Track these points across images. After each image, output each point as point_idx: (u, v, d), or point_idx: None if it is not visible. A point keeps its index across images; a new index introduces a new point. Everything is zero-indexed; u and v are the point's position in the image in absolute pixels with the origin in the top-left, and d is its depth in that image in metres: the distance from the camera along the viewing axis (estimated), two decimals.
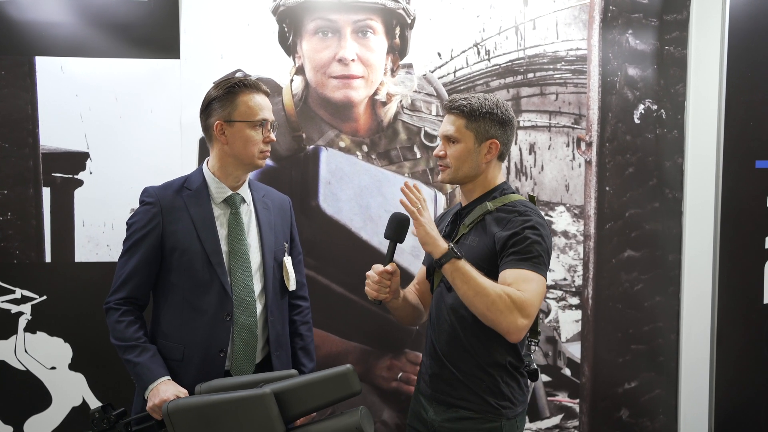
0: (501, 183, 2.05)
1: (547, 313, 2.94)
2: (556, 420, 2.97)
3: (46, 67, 2.66)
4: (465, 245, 1.98)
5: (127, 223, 2.11)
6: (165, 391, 1.90)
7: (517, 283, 1.82)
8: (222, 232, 2.10)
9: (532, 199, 2.06)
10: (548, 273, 2.84)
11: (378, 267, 2.00)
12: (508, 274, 1.85)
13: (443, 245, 1.84)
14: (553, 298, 2.94)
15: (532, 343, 2.10)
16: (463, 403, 1.96)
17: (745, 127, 2.88)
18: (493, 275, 1.88)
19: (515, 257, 1.85)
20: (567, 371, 2.96)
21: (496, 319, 1.79)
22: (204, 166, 2.16)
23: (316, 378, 1.72)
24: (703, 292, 2.96)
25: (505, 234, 1.88)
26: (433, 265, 2.07)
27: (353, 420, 1.66)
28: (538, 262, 1.85)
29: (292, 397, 1.69)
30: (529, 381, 2.05)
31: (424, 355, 2.14)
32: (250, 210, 2.18)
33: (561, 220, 2.92)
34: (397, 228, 2.00)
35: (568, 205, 2.92)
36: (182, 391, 1.91)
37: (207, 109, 2.09)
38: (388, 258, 1.99)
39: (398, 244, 2.06)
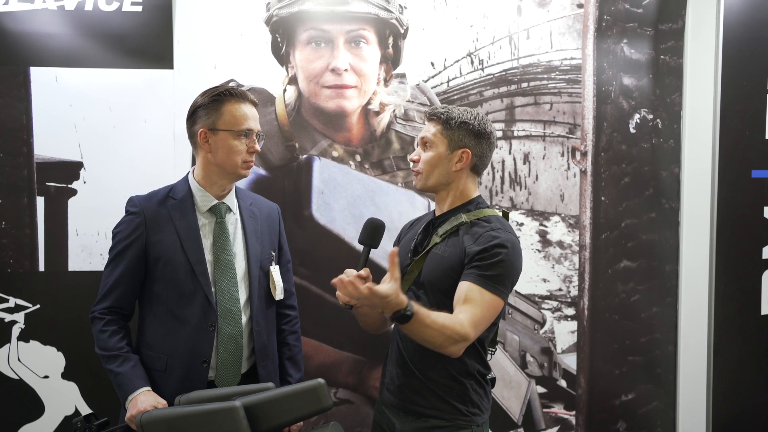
0: (476, 197, 2.06)
1: (542, 324, 2.93)
2: None
3: (40, 77, 2.68)
4: (436, 255, 1.98)
5: (112, 232, 2.12)
6: (143, 401, 1.90)
7: (469, 303, 1.83)
8: (207, 241, 2.09)
9: (505, 215, 2.07)
10: (543, 284, 2.90)
11: (351, 272, 1.97)
12: (463, 287, 1.87)
13: (396, 307, 1.73)
14: (548, 309, 2.92)
15: (490, 352, 2.10)
16: (433, 411, 1.95)
17: (741, 136, 2.86)
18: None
19: (476, 271, 1.86)
20: (563, 383, 2.94)
21: (442, 351, 1.83)
22: (189, 174, 2.16)
23: (287, 392, 1.72)
24: (701, 303, 2.94)
25: (475, 249, 1.89)
26: (403, 271, 2.06)
27: None
28: (497, 281, 1.86)
29: (262, 410, 1.69)
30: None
31: (388, 364, 2.13)
32: (236, 219, 2.17)
33: (556, 230, 2.91)
34: (372, 233, 1.99)
35: (563, 215, 2.91)
36: (161, 402, 1.91)
37: (192, 116, 2.09)
38: (362, 263, 1.97)
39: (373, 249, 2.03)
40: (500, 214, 2.04)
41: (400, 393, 2.02)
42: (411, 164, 2.08)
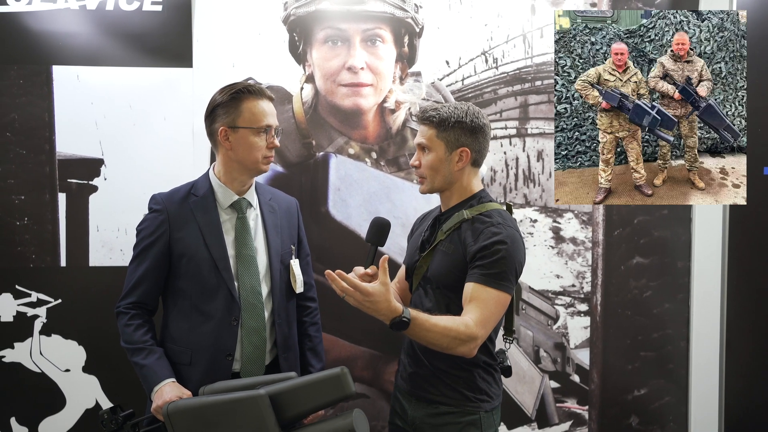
0: (479, 191, 2.08)
1: (555, 320, 2.95)
2: (565, 426, 2.97)
3: (62, 75, 2.74)
4: (441, 251, 2.02)
5: (136, 229, 2.15)
6: (168, 392, 1.93)
7: (476, 302, 1.87)
8: (229, 237, 2.13)
9: (509, 207, 2.10)
10: (557, 280, 2.92)
11: (359, 269, 2.03)
12: (469, 288, 1.90)
13: (390, 315, 1.79)
14: (561, 305, 2.95)
15: (507, 341, 2.13)
16: (441, 398, 2.00)
17: (753, 133, 2.88)
18: (463, 282, 1.94)
19: (480, 271, 1.90)
20: (576, 378, 2.97)
21: (453, 353, 1.87)
22: (210, 171, 2.19)
23: (310, 380, 1.75)
24: (713, 299, 2.95)
25: (475, 247, 1.93)
26: (413, 267, 2.12)
27: (346, 422, 1.69)
28: (501, 277, 1.89)
29: (286, 398, 1.72)
30: (502, 377, 2.11)
31: (402, 353, 2.18)
32: (256, 214, 2.21)
33: (569, 227, 2.94)
34: (378, 232, 2.04)
35: (576, 212, 2.93)
36: (186, 393, 1.95)
37: (211, 114, 2.11)
38: (369, 261, 2.02)
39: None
40: (503, 207, 2.06)
41: (411, 381, 2.07)
42: (414, 169, 2.11)
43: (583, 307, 2.96)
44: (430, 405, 2.02)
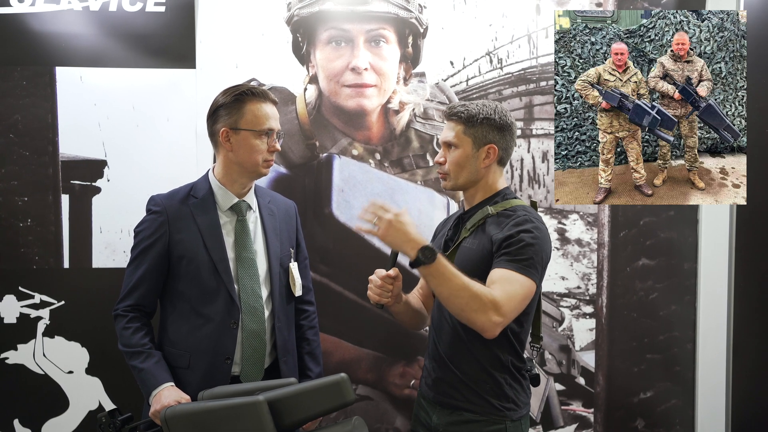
0: (503, 188, 2.07)
1: (560, 322, 2.94)
2: (570, 429, 2.95)
3: (65, 77, 2.73)
4: (465, 248, 2.00)
5: (134, 231, 2.14)
6: (167, 397, 1.92)
7: (500, 282, 1.84)
8: (229, 239, 2.12)
9: (533, 204, 2.08)
10: (562, 281, 2.91)
11: (381, 271, 2.02)
12: (494, 273, 1.87)
13: (419, 242, 1.79)
14: (566, 307, 2.93)
15: (534, 348, 2.10)
16: (467, 405, 1.96)
17: (761, 134, 2.86)
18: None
19: (506, 258, 1.87)
20: (581, 380, 2.95)
21: (470, 317, 1.81)
22: (209, 173, 2.19)
23: (310, 386, 1.73)
24: (720, 301, 2.93)
25: (501, 236, 1.91)
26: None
27: (345, 430, 1.67)
28: (528, 264, 1.86)
29: (286, 405, 1.70)
30: (531, 385, 2.06)
31: (426, 358, 2.15)
32: (256, 217, 2.20)
33: (574, 228, 2.92)
34: None
35: (581, 213, 2.92)
36: (184, 397, 1.93)
37: (214, 115, 2.11)
38: (391, 263, 2.02)
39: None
40: (528, 204, 2.05)
41: (436, 386, 2.04)
42: (437, 166, 2.09)
43: (589, 309, 2.94)
44: (455, 412, 1.99)
